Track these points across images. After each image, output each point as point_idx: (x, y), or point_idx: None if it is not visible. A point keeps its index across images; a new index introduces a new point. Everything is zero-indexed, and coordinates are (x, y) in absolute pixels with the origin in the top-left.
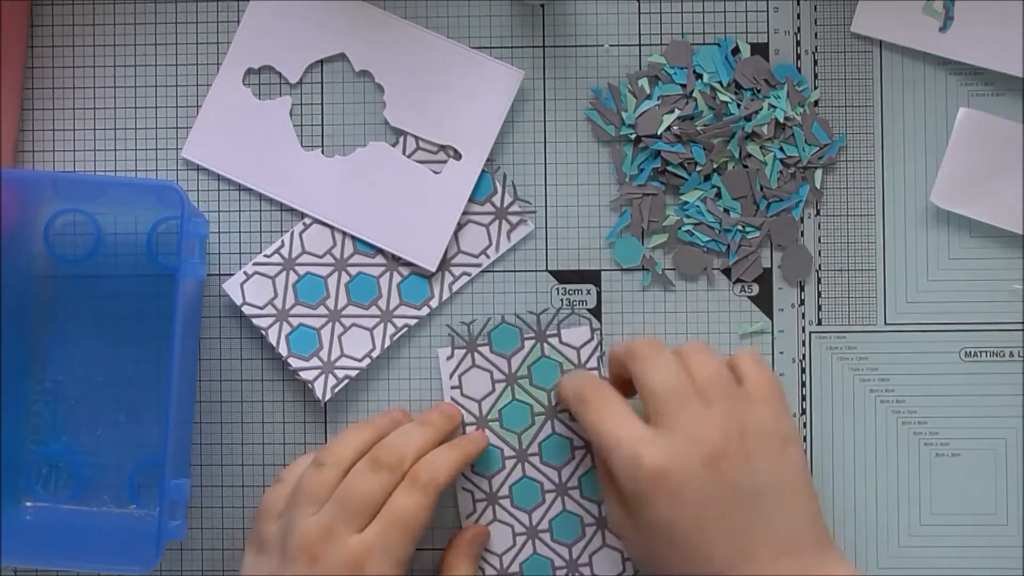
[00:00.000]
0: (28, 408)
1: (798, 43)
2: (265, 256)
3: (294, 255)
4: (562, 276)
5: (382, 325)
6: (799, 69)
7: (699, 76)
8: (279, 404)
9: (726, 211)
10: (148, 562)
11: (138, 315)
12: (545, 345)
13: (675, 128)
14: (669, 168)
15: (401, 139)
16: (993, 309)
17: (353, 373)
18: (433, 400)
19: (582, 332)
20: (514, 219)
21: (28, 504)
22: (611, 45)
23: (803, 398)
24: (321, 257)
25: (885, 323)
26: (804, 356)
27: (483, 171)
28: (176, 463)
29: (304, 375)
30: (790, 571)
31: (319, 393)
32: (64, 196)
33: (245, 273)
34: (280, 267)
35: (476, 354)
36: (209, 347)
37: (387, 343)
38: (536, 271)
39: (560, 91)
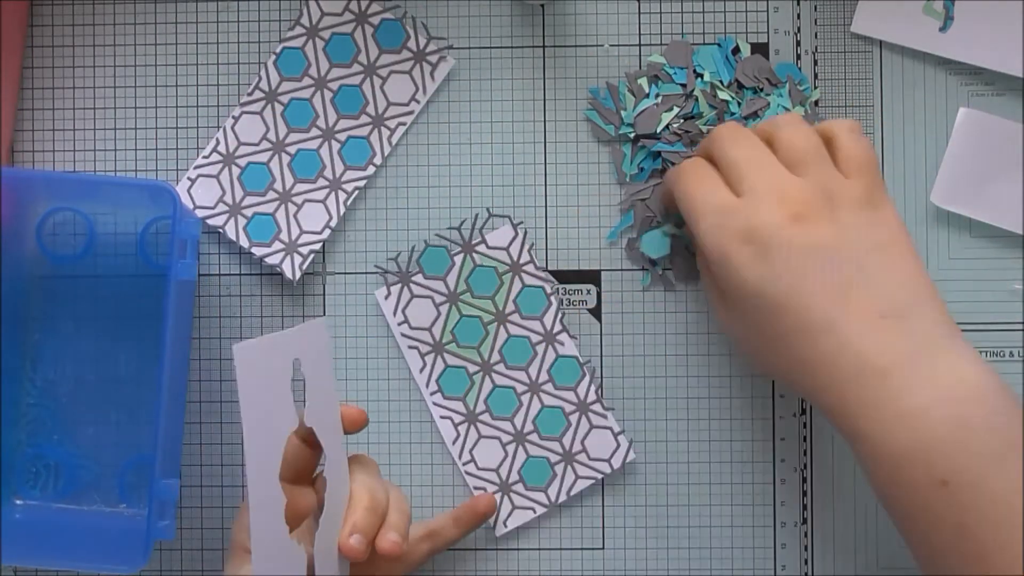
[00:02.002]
0: (20, 407)
1: (798, 43)
2: (204, 157)
3: (232, 149)
4: (562, 276)
5: (333, 194)
6: (799, 70)
7: (699, 75)
8: None
9: None
10: (136, 562)
11: (130, 314)
12: (474, 255)
13: (674, 126)
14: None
15: None
16: (993, 309)
17: (317, 247)
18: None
19: (505, 232)
20: (434, 59)
21: (18, 502)
22: (611, 45)
23: (803, 398)
24: (258, 144)
25: None
26: None
27: (392, 20)
28: (166, 463)
29: (270, 260)
30: (897, 337)
31: (288, 273)
32: (57, 195)
33: (189, 179)
34: (221, 163)
35: (412, 285)
36: (204, 347)
37: (342, 210)
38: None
39: (560, 91)
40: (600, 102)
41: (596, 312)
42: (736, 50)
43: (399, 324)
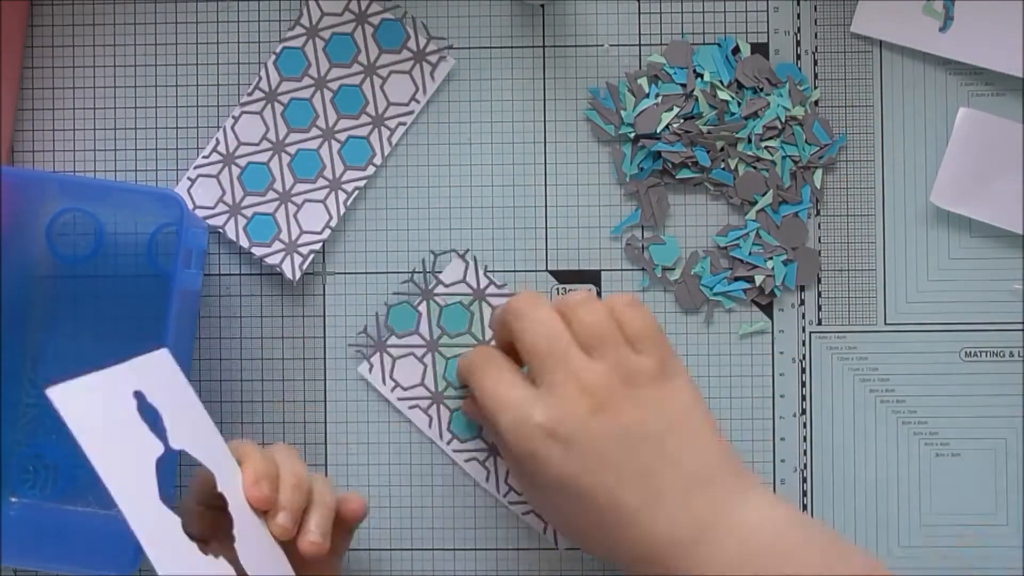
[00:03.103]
0: (19, 406)
1: (798, 43)
2: (204, 157)
3: (232, 149)
4: (562, 276)
5: (333, 194)
6: (799, 70)
7: (699, 75)
8: (278, 404)
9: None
10: (127, 566)
11: (134, 316)
12: (435, 299)
13: (674, 126)
14: (670, 168)
15: None
16: (993, 309)
17: (317, 247)
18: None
19: (456, 266)
20: (434, 58)
21: (13, 500)
22: (611, 45)
23: (803, 398)
24: (258, 144)
25: (885, 323)
26: (804, 356)
27: (392, 20)
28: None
29: (270, 260)
30: (703, 507)
31: (288, 274)
32: (68, 196)
33: (189, 179)
34: (221, 163)
35: (389, 349)
36: (204, 347)
37: (342, 210)
38: (536, 271)
39: (560, 91)
40: (600, 102)
41: None
42: (736, 50)
43: (392, 391)
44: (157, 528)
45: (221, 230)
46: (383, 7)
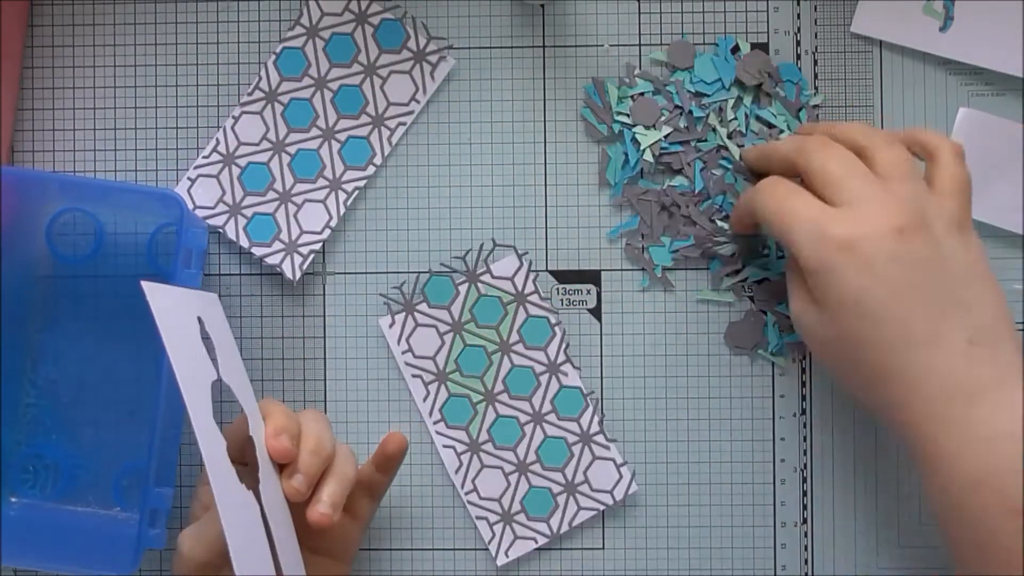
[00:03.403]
0: (19, 406)
1: (798, 43)
2: (204, 157)
3: (232, 149)
4: (562, 276)
5: (333, 194)
6: (799, 69)
7: (698, 95)
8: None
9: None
10: (126, 567)
11: (133, 316)
12: (479, 284)
13: (667, 138)
14: (665, 171)
15: None
16: None
17: (317, 247)
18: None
19: (510, 262)
20: (434, 58)
21: (12, 500)
22: (611, 45)
23: (803, 398)
24: (258, 144)
25: None
26: (804, 356)
27: (392, 20)
28: (161, 471)
29: (270, 260)
30: (983, 364)
31: (288, 273)
32: (68, 196)
33: (189, 179)
34: (221, 163)
35: (416, 313)
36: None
37: (342, 210)
38: (536, 271)
39: (560, 91)
40: (594, 100)
41: (596, 312)
42: (736, 49)
43: (403, 352)
44: (208, 438)
45: (221, 230)
46: (383, 7)
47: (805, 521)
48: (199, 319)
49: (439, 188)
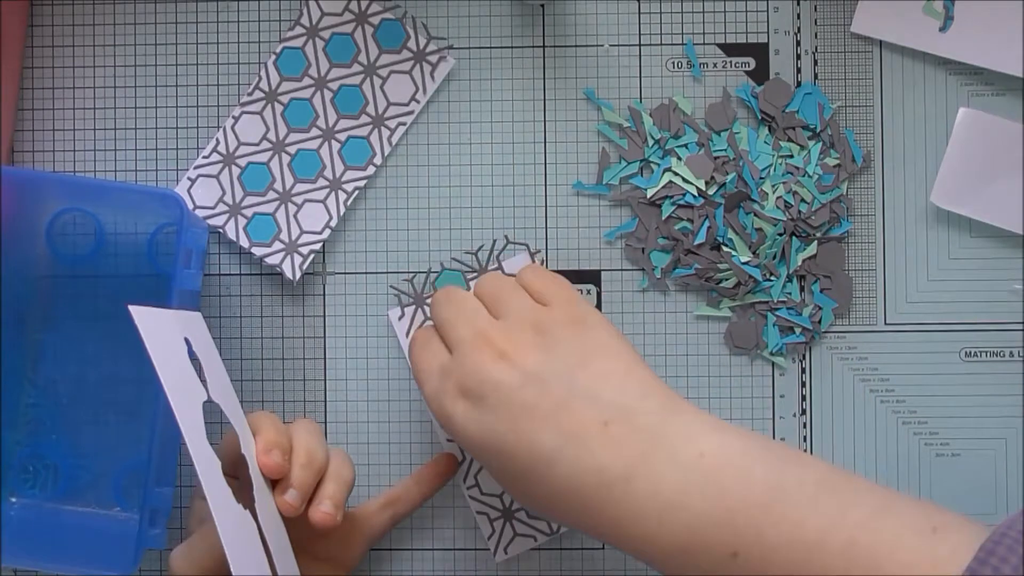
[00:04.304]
0: (19, 406)
1: (798, 43)
2: (204, 157)
3: (232, 149)
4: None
5: (333, 194)
6: (799, 70)
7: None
8: (278, 405)
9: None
10: (126, 567)
11: None
12: None
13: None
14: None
15: None
16: (993, 309)
17: (317, 247)
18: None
19: (522, 259)
20: (434, 58)
21: (12, 500)
22: (611, 45)
23: (803, 398)
24: (258, 144)
25: (885, 323)
26: (804, 356)
27: (392, 20)
28: (161, 471)
29: (270, 260)
30: (628, 438)
31: (288, 273)
32: (68, 196)
33: (189, 179)
34: (221, 163)
35: (426, 307)
36: None
37: (342, 210)
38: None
39: (560, 91)
40: (611, 113)
41: None
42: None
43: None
44: (204, 460)
45: (221, 230)
46: (383, 7)
47: None
48: (186, 340)
49: (439, 188)
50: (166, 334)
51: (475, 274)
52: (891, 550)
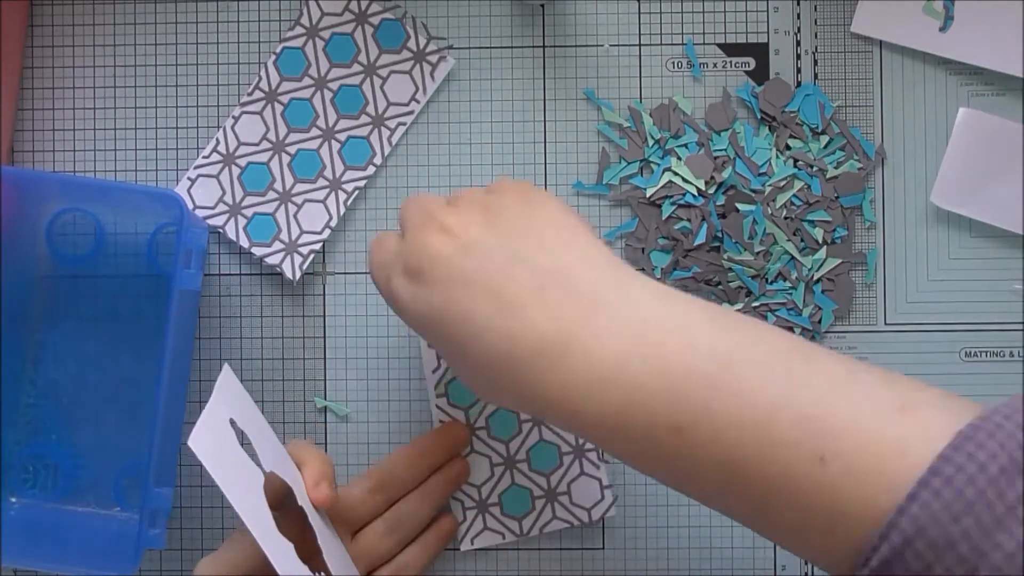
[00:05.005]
0: (19, 406)
1: (798, 43)
2: (204, 157)
3: (232, 149)
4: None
5: (333, 194)
6: (799, 70)
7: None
8: (278, 405)
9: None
10: (126, 567)
11: (134, 316)
12: None
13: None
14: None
15: None
16: (993, 309)
17: (317, 247)
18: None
19: None
20: (434, 59)
21: (12, 500)
22: (611, 45)
23: None
24: (258, 144)
25: (885, 323)
26: None
27: (392, 20)
28: (161, 471)
29: (270, 260)
30: (567, 305)
31: (288, 273)
32: (68, 196)
33: (189, 179)
34: (221, 163)
35: None
36: (204, 347)
37: (342, 210)
38: None
39: (560, 91)
40: (609, 111)
41: None
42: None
43: (438, 397)
44: (279, 552)
45: (221, 230)
46: (383, 7)
47: None
48: (231, 421)
49: (439, 188)
50: (220, 442)
51: None
52: (848, 427)
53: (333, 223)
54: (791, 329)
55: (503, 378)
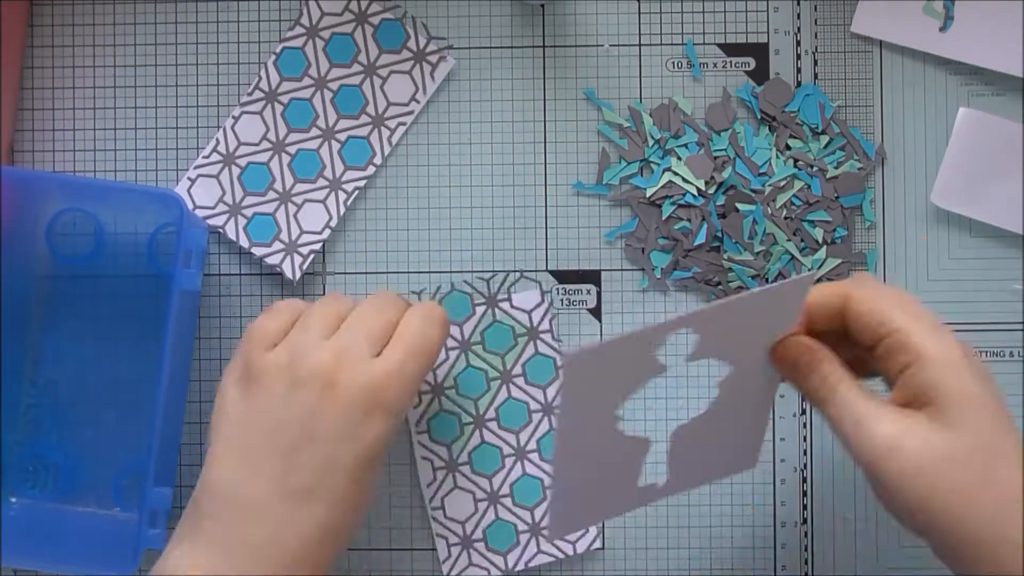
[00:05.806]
0: (19, 406)
1: (798, 43)
2: (204, 157)
3: (232, 149)
4: (562, 276)
5: (333, 194)
6: (799, 70)
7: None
8: None
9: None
10: (125, 567)
11: (134, 316)
12: (496, 310)
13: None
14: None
15: None
16: (993, 309)
17: (317, 247)
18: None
19: (532, 296)
20: (434, 59)
21: (12, 500)
22: (611, 45)
23: (803, 398)
24: (258, 144)
25: None
26: None
27: (392, 20)
28: (160, 471)
29: (270, 260)
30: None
31: (288, 273)
32: (68, 196)
33: (189, 179)
34: (221, 163)
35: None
36: (204, 347)
37: (342, 210)
38: (536, 271)
39: (560, 91)
40: (611, 113)
41: (596, 312)
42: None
43: None
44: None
45: (221, 230)
46: (383, 7)
47: (805, 521)
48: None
49: (439, 188)
50: (594, 378)
51: (483, 300)
52: None
53: (333, 223)
54: None
55: None
